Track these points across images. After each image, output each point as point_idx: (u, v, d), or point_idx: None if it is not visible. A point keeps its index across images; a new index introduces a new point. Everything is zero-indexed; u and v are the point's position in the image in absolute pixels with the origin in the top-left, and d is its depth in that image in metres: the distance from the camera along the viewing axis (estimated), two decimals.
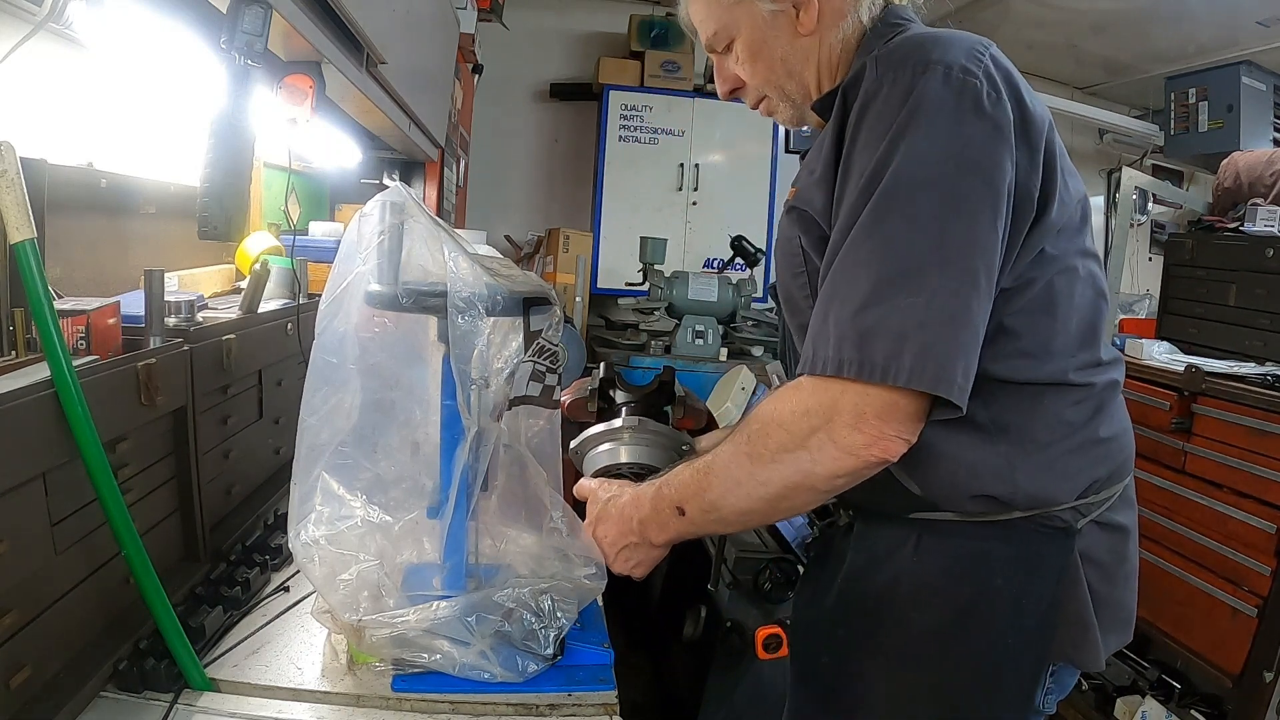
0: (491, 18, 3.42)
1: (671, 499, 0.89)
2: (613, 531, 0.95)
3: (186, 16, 1.11)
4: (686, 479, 0.88)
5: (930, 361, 0.72)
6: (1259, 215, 2.47)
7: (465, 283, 0.84)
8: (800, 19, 0.92)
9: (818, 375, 0.77)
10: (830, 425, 0.75)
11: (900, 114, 0.77)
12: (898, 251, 0.74)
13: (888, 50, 0.83)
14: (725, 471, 0.84)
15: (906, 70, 0.78)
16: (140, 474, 0.95)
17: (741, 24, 0.95)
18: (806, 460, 0.77)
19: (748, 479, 0.82)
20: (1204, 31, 3.24)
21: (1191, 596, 1.98)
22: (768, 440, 0.80)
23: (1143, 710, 2.10)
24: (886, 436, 0.75)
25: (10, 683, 0.71)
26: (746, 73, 0.98)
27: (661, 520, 0.91)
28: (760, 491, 0.81)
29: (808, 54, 0.94)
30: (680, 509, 0.88)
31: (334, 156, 2.30)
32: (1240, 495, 1.91)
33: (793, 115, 1.01)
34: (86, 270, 1.29)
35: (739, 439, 0.83)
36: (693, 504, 0.87)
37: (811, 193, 0.88)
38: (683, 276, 3.46)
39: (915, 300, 0.73)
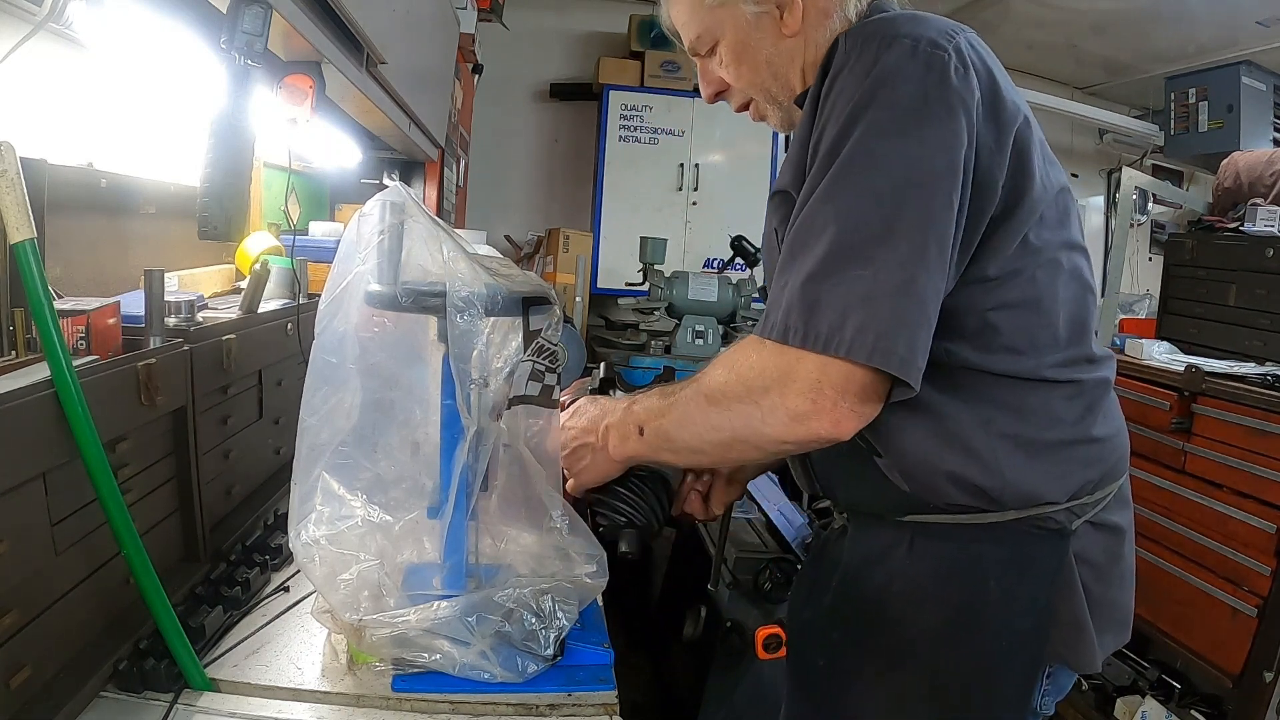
0: (491, 18, 3.42)
1: (636, 417, 0.91)
2: (580, 424, 0.97)
3: (186, 16, 1.11)
4: (653, 404, 0.90)
5: (871, 335, 0.72)
6: (1259, 215, 2.47)
7: (465, 282, 0.84)
8: (784, 20, 0.91)
9: (770, 339, 0.77)
10: (784, 389, 0.75)
11: (864, 84, 0.76)
12: (851, 223, 0.74)
13: (859, 26, 0.84)
14: (683, 407, 0.86)
15: (873, 43, 0.78)
16: (140, 474, 0.95)
17: (725, 27, 0.93)
18: (756, 417, 0.78)
19: (701, 419, 0.84)
20: (1204, 31, 3.24)
21: (1191, 596, 1.98)
22: (725, 388, 0.81)
23: (1143, 710, 2.10)
24: (839, 409, 0.74)
25: (10, 683, 0.71)
26: (731, 76, 0.97)
27: (623, 432, 0.92)
28: (710, 435, 0.84)
29: (793, 55, 0.93)
30: (640, 429, 0.90)
31: (334, 156, 2.30)
32: (1240, 495, 1.91)
33: (782, 119, 1.00)
34: (86, 270, 1.29)
35: (701, 379, 0.85)
36: (650, 427, 0.89)
37: (786, 173, 0.89)
38: (683, 276, 3.46)
39: (863, 273, 0.73)
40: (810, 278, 0.75)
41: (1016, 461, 0.84)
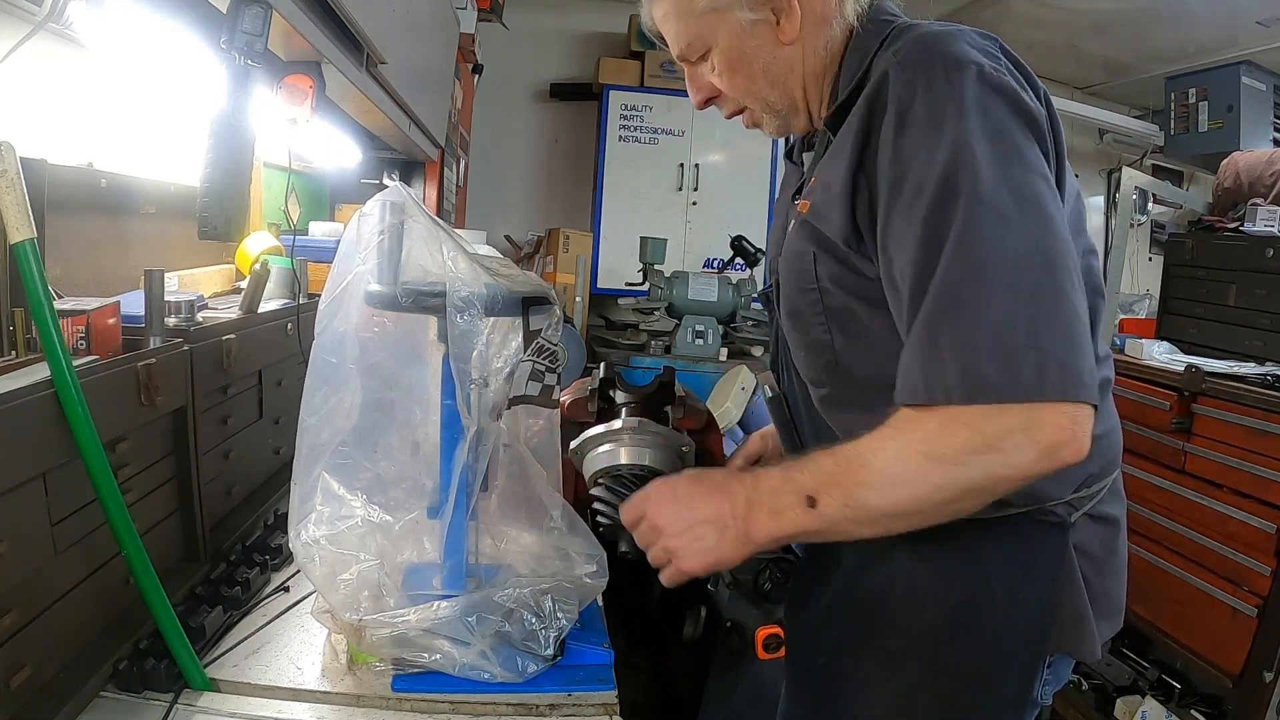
0: (491, 18, 3.42)
1: (803, 485, 0.77)
2: (703, 502, 0.82)
3: (186, 16, 1.11)
4: (829, 467, 0.77)
5: (1070, 372, 0.69)
6: (1259, 215, 2.47)
7: (464, 282, 0.84)
8: (782, 27, 0.88)
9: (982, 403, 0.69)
10: (1030, 428, 0.69)
11: (948, 117, 0.74)
12: (1004, 259, 0.70)
13: (906, 53, 0.79)
14: (889, 467, 0.74)
15: (937, 71, 0.76)
16: (140, 474, 0.95)
17: (718, 34, 0.89)
18: (999, 461, 0.70)
19: (918, 478, 0.72)
20: (1204, 31, 3.24)
21: (1191, 596, 1.98)
22: (951, 438, 0.70)
23: (1143, 710, 2.10)
24: (1079, 438, 0.70)
25: (10, 683, 0.71)
26: (725, 84, 0.93)
27: (778, 506, 0.78)
28: (932, 494, 0.73)
29: (791, 63, 0.90)
30: (812, 499, 0.76)
31: (334, 156, 2.30)
32: (1240, 495, 1.90)
33: (778, 126, 0.97)
34: (86, 270, 1.29)
35: (906, 435, 0.74)
36: (833, 495, 0.76)
37: (828, 209, 0.84)
38: (683, 276, 3.46)
39: (1033, 310, 0.70)
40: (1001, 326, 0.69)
41: None
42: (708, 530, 0.82)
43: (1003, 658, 0.88)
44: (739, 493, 0.81)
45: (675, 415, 1.10)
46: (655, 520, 0.86)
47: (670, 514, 0.84)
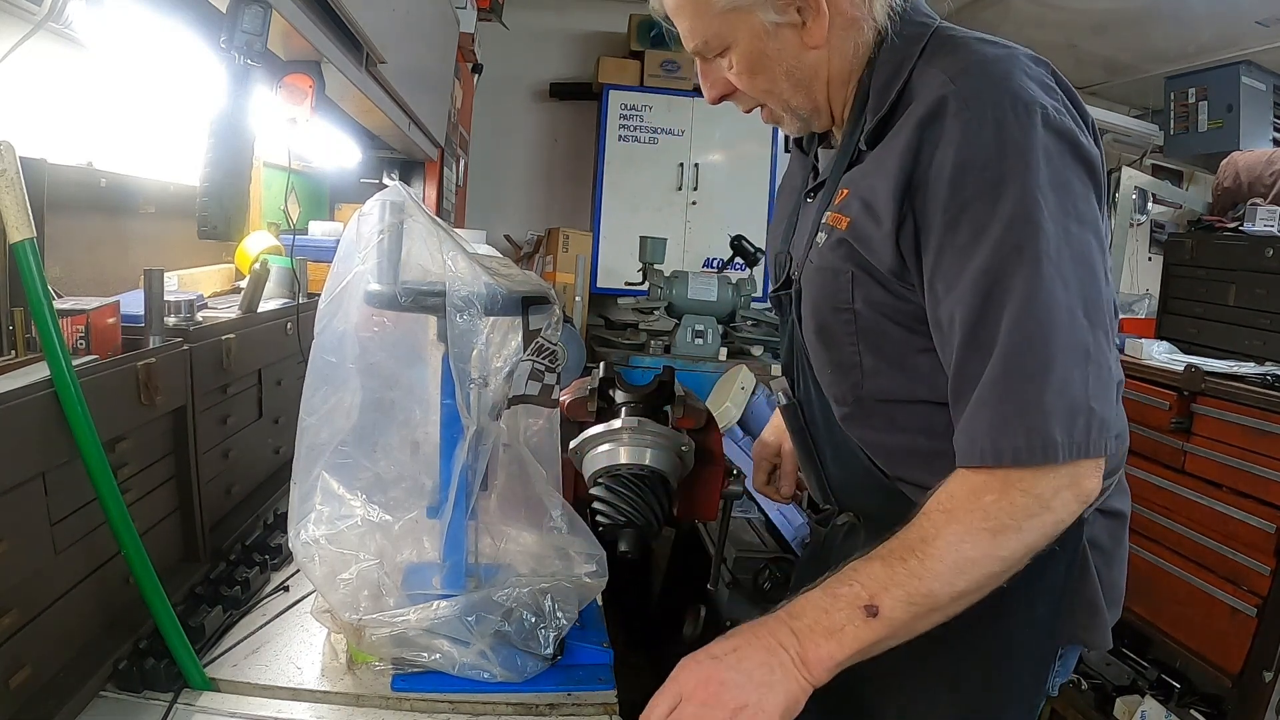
0: (491, 18, 3.42)
1: (856, 595, 0.72)
2: (750, 662, 0.71)
3: (186, 16, 1.11)
4: (879, 570, 0.73)
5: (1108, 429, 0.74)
6: (1259, 215, 2.46)
7: (464, 282, 0.84)
8: (809, 29, 0.84)
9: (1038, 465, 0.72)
10: (1074, 484, 0.73)
11: (1014, 165, 0.73)
12: (1062, 323, 0.72)
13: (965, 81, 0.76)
14: (953, 553, 0.71)
15: (1006, 112, 0.74)
16: (140, 474, 0.95)
17: (738, 35, 0.85)
18: (1051, 520, 0.73)
19: (984, 556, 0.72)
20: (1204, 31, 3.24)
21: (1191, 596, 1.97)
22: (1011, 508, 0.72)
23: (1142, 710, 2.10)
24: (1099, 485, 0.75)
25: (10, 683, 0.71)
26: (744, 84, 0.90)
27: (833, 626, 0.72)
28: (996, 567, 0.73)
29: (816, 68, 0.87)
30: (872, 607, 0.71)
31: (334, 156, 2.30)
32: (1240, 495, 1.90)
33: (799, 126, 0.95)
34: (86, 270, 1.29)
35: (965, 514, 0.73)
36: (894, 597, 0.71)
37: (872, 236, 0.82)
38: (682, 276, 3.46)
39: (1087, 371, 0.73)
40: (1063, 388, 0.72)
41: None
42: (769, 693, 0.70)
43: (1020, 649, 0.89)
44: (783, 633, 0.73)
45: (675, 415, 1.10)
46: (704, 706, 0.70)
47: (720, 692, 0.70)
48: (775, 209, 1.13)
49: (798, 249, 0.98)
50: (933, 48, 0.83)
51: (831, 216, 0.87)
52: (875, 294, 0.85)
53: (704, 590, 2.09)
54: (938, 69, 0.79)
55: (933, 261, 0.77)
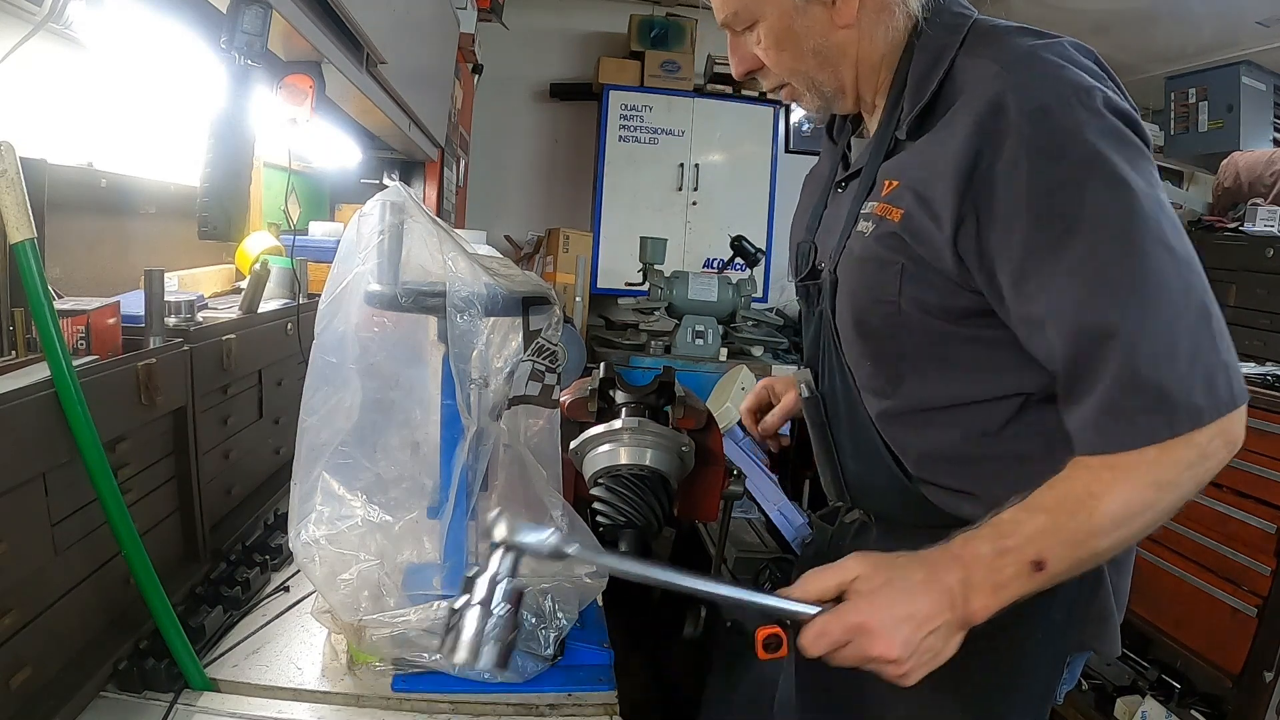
0: (491, 18, 3.42)
1: (1024, 552, 0.73)
2: (921, 606, 0.72)
3: (186, 16, 1.11)
4: (1045, 524, 0.73)
5: (1240, 375, 0.77)
6: (1259, 215, 2.47)
7: (464, 282, 0.84)
8: (838, 9, 0.84)
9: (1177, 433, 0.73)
10: (1225, 433, 0.75)
11: (1093, 153, 0.73)
12: (1178, 290, 0.73)
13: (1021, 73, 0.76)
14: (1121, 509, 0.73)
15: (1071, 102, 0.74)
16: (140, 474, 0.95)
17: (766, 8, 0.86)
18: (1204, 470, 0.75)
19: (1148, 508, 0.74)
20: (1204, 31, 3.24)
21: (1191, 596, 1.97)
22: (1175, 463, 0.73)
23: (1143, 710, 2.10)
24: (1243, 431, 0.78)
25: (10, 683, 0.71)
26: (770, 60, 0.90)
27: (1000, 581, 0.73)
28: (1158, 519, 0.75)
29: (845, 47, 0.87)
30: (1039, 562, 0.72)
31: (334, 156, 2.30)
32: (1240, 495, 1.90)
33: (820, 106, 0.94)
34: (86, 270, 1.29)
35: (1131, 472, 0.73)
36: (1060, 552, 0.73)
37: (924, 226, 0.80)
38: (683, 276, 3.46)
39: (1211, 329, 0.74)
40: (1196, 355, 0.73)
41: None
42: (934, 640, 0.73)
43: (1034, 656, 0.89)
44: (951, 581, 0.73)
45: (675, 415, 1.10)
46: (881, 653, 0.72)
47: (897, 640, 0.72)
48: (801, 198, 1.12)
49: (827, 239, 0.97)
50: (974, 39, 0.82)
51: (879, 207, 0.85)
52: (923, 288, 0.83)
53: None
54: (987, 59, 0.79)
55: (1018, 259, 0.76)
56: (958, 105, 0.79)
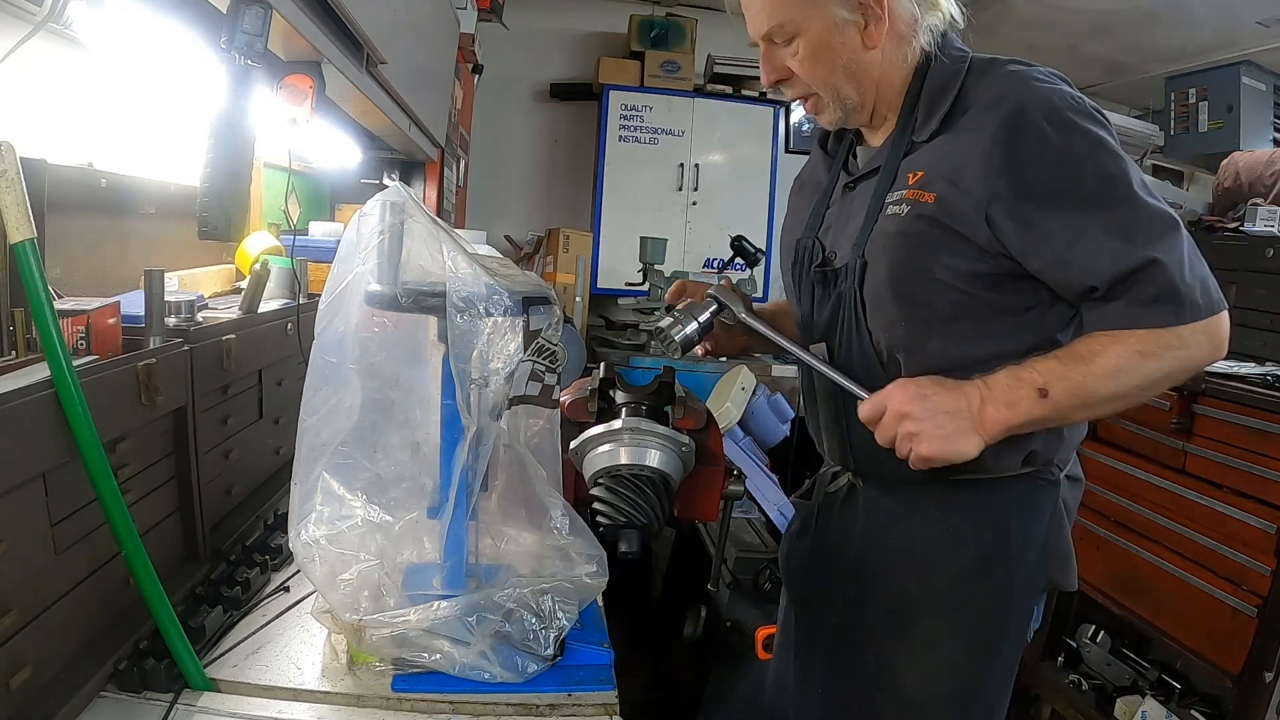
0: (491, 18, 3.41)
1: (1034, 380, 0.93)
2: (943, 397, 0.94)
3: (186, 16, 1.11)
4: (1055, 366, 0.93)
5: (1219, 291, 0.94)
6: (1259, 215, 2.46)
7: (464, 282, 0.84)
8: (869, 32, 1.00)
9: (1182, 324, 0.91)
10: (1209, 330, 0.92)
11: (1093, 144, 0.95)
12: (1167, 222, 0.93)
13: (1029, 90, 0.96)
14: (1111, 363, 0.92)
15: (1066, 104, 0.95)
16: (140, 474, 0.95)
17: (812, 24, 1.00)
18: (1185, 355, 0.92)
19: (1133, 369, 0.92)
20: (1204, 31, 3.24)
21: (1191, 596, 1.97)
22: (1158, 341, 0.92)
23: (1143, 710, 2.10)
24: (1228, 338, 0.95)
25: (10, 683, 0.71)
26: (804, 70, 1.03)
27: (1012, 399, 0.93)
28: (1138, 381, 0.93)
29: (869, 66, 1.03)
30: (1044, 390, 0.93)
31: (334, 156, 2.30)
32: (1240, 495, 1.90)
33: (839, 118, 1.08)
34: (86, 270, 1.29)
35: (1123, 340, 0.92)
36: (1062, 387, 0.92)
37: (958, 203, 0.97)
38: (683, 277, 3.46)
39: (1196, 252, 0.94)
40: (1181, 265, 0.91)
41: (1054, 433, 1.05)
42: (948, 420, 0.94)
43: (1015, 595, 1.07)
44: (973, 392, 0.95)
45: (675, 415, 1.10)
46: (901, 409, 0.95)
47: (916, 405, 0.95)
48: (793, 202, 1.28)
49: (839, 231, 1.12)
50: (977, 69, 1.02)
51: (910, 194, 1.01)
52: (956, 257, 0.99)
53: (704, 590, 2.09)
54: (998, 79, 0.99)
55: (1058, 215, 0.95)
56: (974, 111, 0.98)
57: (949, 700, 1.08)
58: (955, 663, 1.07)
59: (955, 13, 1.06)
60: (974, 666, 1.07)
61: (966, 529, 1.06)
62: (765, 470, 2.65)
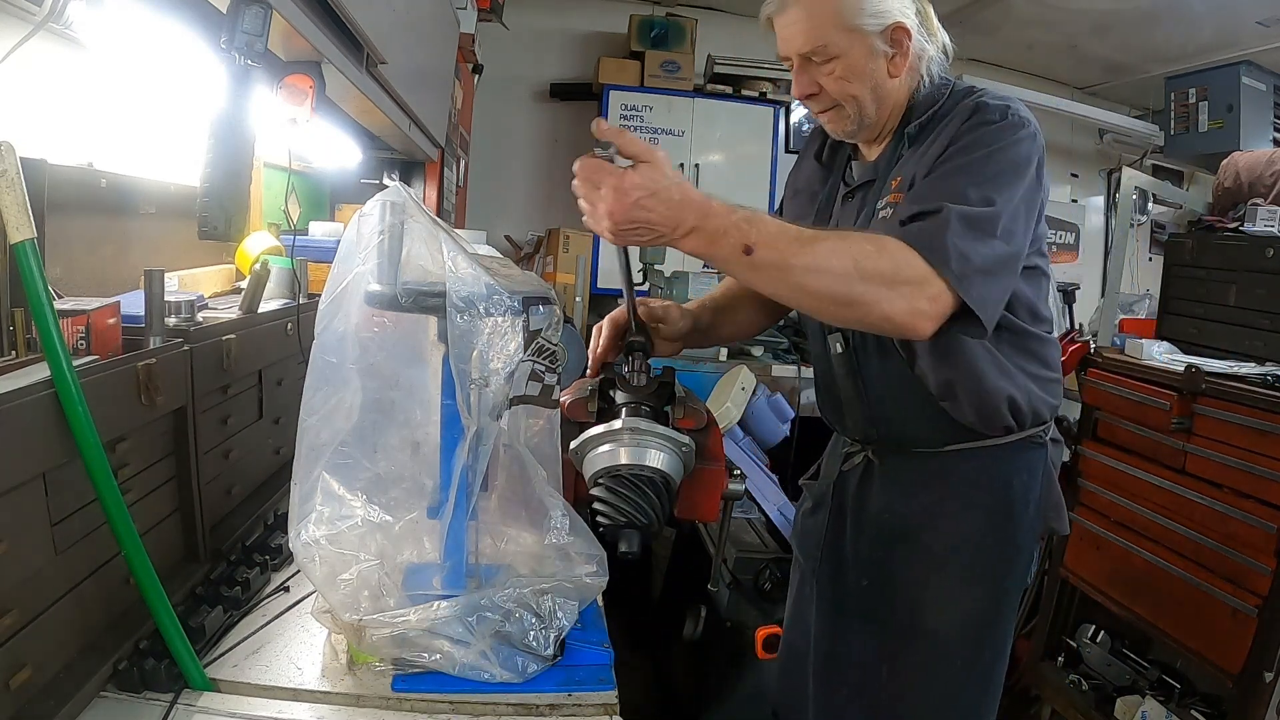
0: (491, 18, 3.42)
1: (744, 234, 0.93)
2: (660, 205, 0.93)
3: (186, 16, 1.11)
4: (776, 231, 0.95)
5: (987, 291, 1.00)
6: (1259, 215, 2.46)
7: (464, 282, 0.84)
8: (895, 63, 1.15)
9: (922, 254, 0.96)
10: (918, 291, 0.96)
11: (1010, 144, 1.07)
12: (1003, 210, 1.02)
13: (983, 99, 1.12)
14: (823, 257, 0.94)
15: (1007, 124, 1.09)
16: (140, 474, 0.95)
17: (851, 49, 1.12)
18: (886, 298, 0.96)
19: (835, 275, 0.94)
20: (1204, 31, 3.24)
21: (1191, 596, 1.97)
22: (877, 262, 0.95)
23: (1143, 710, 2.10)
24: (937, 321, 0.98)
25: (10, 683, 0.71)
26: (837, 89, 1.15)
27: (718, 232, 0.93)
28: (834, 291, 0.95)
29: (889, 92, 1.18)
30: (749, 248, 0.93)
31: (334, 156, 2.30)
32: (1240, 495, 1.90)
33: (853, 131, 1.21)
34: (86, 270, 1.29)
35: (854, 243, 0.97)
36: (765, 253, 0.93)
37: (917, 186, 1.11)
38: (683, 276, 3.46)
39: (1002, 246, 1.01)
40: (970, 233, 0.98)
41: (1035, 390, 1.21)
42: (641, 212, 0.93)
43: (1020, 542, 1.24)
44: (689, 216, 0.93)
45: (675, 415, 1.10)
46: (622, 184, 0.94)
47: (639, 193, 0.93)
48: (789, 208, 1.41)
49: None
50: (958, 92, 1.18)
51: (894, 197, 1.15)
52: None
53: (704, 590, 2.09)
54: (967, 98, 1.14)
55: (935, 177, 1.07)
56: (942, 125, 1.13)
57: (970, 635, 1.24)
58: (975, 604, 1.24)
59: (948, 44, 1.23)
60: (989, 604, 1.24)
61: (976, 492, 1.21)
62: (765, 470, 2.64)
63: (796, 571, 1.50)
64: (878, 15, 1.12)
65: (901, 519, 1.25)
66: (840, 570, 1.33)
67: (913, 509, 1.24)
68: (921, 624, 1.24)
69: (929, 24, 1.19)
